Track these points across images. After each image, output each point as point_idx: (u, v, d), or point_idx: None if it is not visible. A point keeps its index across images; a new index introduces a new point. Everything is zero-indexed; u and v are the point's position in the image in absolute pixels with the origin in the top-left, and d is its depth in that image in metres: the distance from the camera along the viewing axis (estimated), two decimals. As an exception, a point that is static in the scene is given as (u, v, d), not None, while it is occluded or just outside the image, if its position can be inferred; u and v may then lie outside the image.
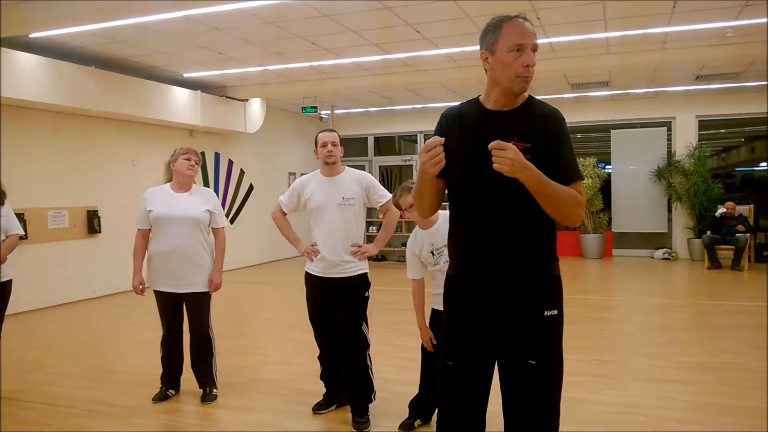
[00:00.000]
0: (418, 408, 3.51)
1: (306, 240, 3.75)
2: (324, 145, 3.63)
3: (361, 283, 3.63)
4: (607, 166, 12.83)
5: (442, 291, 3.28)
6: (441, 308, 3.30)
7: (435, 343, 3.30)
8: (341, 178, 3.68)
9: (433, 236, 3.24)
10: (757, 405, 3.82)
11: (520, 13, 2.16)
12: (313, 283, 3.70)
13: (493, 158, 1.92)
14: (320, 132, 3.71)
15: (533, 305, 2.07)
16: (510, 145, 1.91)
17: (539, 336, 2.07)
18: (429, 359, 3.41)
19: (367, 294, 3.66)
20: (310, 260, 3.70)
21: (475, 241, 2.13)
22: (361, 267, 3.65)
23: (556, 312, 2.07)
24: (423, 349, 3.47)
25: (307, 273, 3.74)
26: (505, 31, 2.11)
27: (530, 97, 2.14)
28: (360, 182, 3.67)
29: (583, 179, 2.06)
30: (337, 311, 3.63)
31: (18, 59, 6.82)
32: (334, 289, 3.61)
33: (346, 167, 3.76)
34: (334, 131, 3.72)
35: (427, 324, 3.39)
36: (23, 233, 4.19)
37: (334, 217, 3.61)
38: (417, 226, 3.37)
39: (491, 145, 1.92)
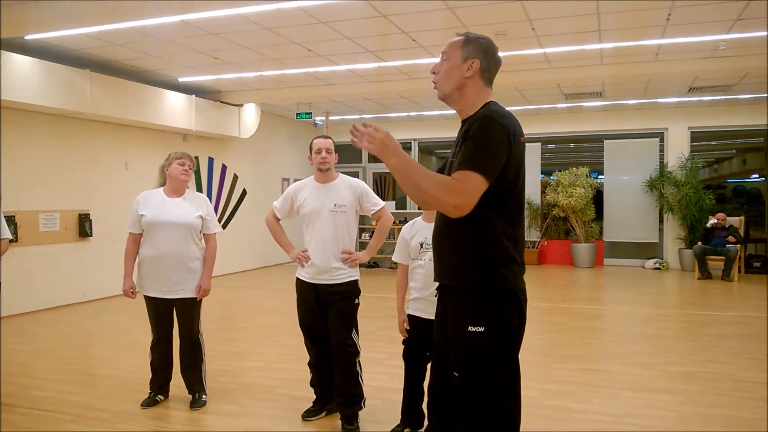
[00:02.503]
0: (406, 416, 3.50)
1: (298, 246, 3.76)
2: (318, 152, 3.64)
3: (351, 290, 3.64)
4: (600, 176, 12.90)
5: (418, 295, 3.33)
6: (416, 314, 3.35)
7: (407, 336, 3.42)
8: (335, 185, 3.68)
9: (430, 230, 3.23)
10: (744, 415, 3.85)
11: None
12: (304, 289, 3.70)
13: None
14: (315, 138, 3.72)
15: (457, 319, 2.10)
16: (381, 130, 2.01)
17: (460, 351, 2.10)
18: (411, 368, 3.43)
19: (357, 301, 3.67)
20: (301, 266, 3.71)
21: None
22: (352, 274, 3.65)
23: (482, 329, 2.03)
24: (406, 358, 3.48)
25: (297, 279, 3.75)
26: None
27: (484, 105, 2.15)
28: (353, 189, 3.68)
29: (477, 170, 1.94)
30: (327, 318, 3.63)
31: (13, 61, 6.80)
32: (324, 296, 3.62)
33: (340, 174, 3.77)
34: (329, 138, 3.73)
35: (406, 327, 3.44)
36: (11, 237, 4.16)
37: (325, 223, 3.61)
38: (420, 217, 3.43)
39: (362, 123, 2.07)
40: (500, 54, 2.27)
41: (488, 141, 1.98)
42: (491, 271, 2.06)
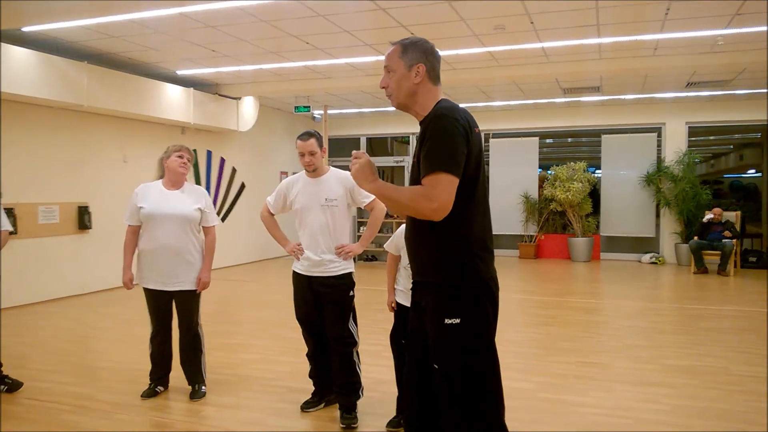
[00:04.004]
0: (401, 408, 3.53)
1: (294, 239, 3.78)
2: (302, 155, 3.64)
3: (345, 282, 3.66)
4: (597, 171, 12.93)
5: (404, 289, 3.36)
6: (402, 302, 3.38)
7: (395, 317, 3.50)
8: (326, 179, 3.70)
9: None
10: (739, 408, 3.88)
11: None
12: (299, 281, 3.74)
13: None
14: (298, 138, 3.67)
15: (433, 314, 2.15)
16: (365, 157, 2.20)
17: (439, 343, 2.14)
18: (399, 353, 3.46)
19: (351, 293, 3.69)
20: (296, 259, 3.74)
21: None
22: (346, 266, 3.68)
23: (458, 320, 2.09)
24: (394, 342, 3.51)
25: (293, 271, 3.78)
26: None
27: (436, 105, 2.19)
28: (344, 183, 3.69)
29: (443, 169, 2.00)
30: (323, 309, 3.66)
31: (10, 53, 6.79)
32: (319, 288, 3.65)
33: (331, 168, 3.79)
34: (313, 136, 3.64)
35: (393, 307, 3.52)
36: (12, 229, 4.18)
37: (317, 217, 3.64)
38: None
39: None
40: (499, 48, 2.32)
41: (446, 138, 2.04)
42: (462, 263, 2.12)
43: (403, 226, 3.48)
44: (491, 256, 2.20)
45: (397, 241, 3.50)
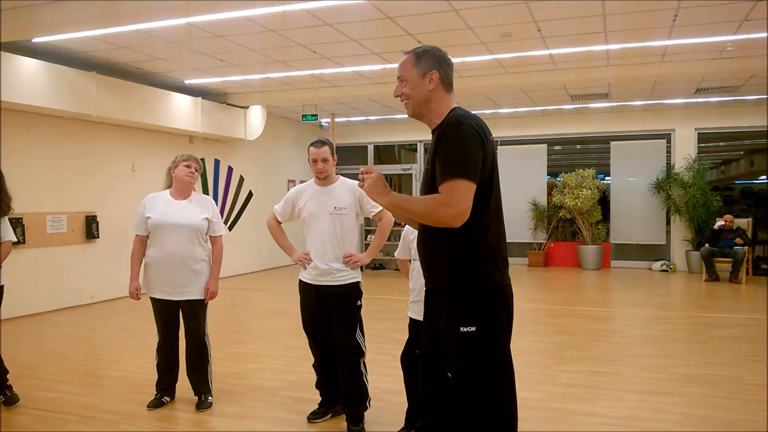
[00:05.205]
0: (410, 420, 3.49)
1: (300, 248, 3.77)
2: (315, 162, 3.65)
3: (352, 291, 3.64)
4: (606, 178, 12.87)
5: (417, 298, 3.34)
6: (415, 317, 3.35)
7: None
8: (335, 188, 3.70)
9: None
10: (751, 418, 3.82)
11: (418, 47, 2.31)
12: (306, 290, 3.72)
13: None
14: (311, 145, 3.67)
15: (448, 321, 2.12)
16: (375, 172, 2.22)
17: (454, 352, 2.11)
18: (413, 369, 3.43)
19: (359, 303, 3.67)
20: (303, 268, 3.72)
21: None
22: (353, 276, 3.66)
23: (474, 328, 2.07)
24: (407, 359, 3.47)
25: (300, 281, 3.77)
26: None
27: (450, 113, 2.19)
28: (353, 192, 3.68)
29: (460, 176, 2.01)
30: (330, 319, 3.64)
31: (20, 64, 6.84)
32: (326, 297, 3.63)
33: (340, 177, 3.78)
34: (326, 144, 3.66)
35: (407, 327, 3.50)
36: (15, 239, 4.18)
37: (326, 226, 3.63)
38: None
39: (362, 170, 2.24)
40: (506, 55, 2.31)
41: (462, 144, 2.04)
42: (477, 270, 2.10)
43: (408, 227, 3.48)
44: (506, 263, 2.18)
45: (404, 243, 3.48)
